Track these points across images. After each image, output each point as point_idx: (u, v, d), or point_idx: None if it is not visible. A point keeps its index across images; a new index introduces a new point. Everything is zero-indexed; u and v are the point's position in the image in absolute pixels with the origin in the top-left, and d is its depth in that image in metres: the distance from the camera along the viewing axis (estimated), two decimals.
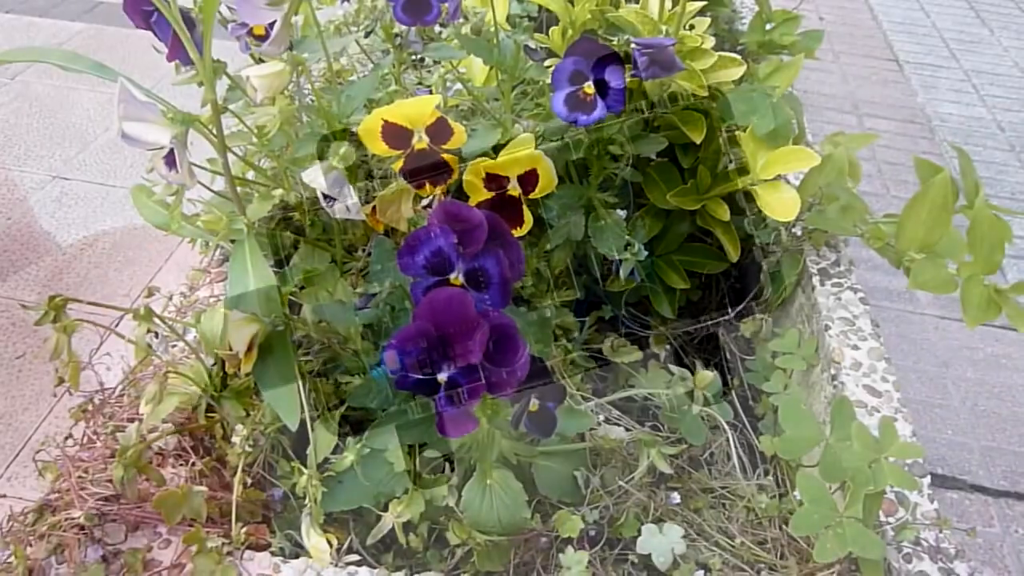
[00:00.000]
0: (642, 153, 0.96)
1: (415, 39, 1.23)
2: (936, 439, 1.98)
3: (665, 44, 0.87)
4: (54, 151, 2.53)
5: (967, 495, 1.85)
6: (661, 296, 1.12)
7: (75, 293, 2.00)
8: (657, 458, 0.87)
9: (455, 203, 0.72)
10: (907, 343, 2.13)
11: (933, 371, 2.10)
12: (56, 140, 2.58)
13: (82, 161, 2.49)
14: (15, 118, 2.67)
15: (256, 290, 0.74)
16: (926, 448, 1.95)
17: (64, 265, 2.12)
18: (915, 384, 2.06)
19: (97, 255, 2.16)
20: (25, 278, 2.07)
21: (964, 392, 2.07)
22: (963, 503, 1.83)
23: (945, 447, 1.97)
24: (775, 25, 1.47)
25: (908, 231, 1.00)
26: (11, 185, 2.38)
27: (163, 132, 0.75)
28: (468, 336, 0.65)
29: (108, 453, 0.83)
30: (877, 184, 2.80)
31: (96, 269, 2.12)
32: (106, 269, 2.12)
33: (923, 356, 2.12)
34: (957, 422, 2.02)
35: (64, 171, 2.45)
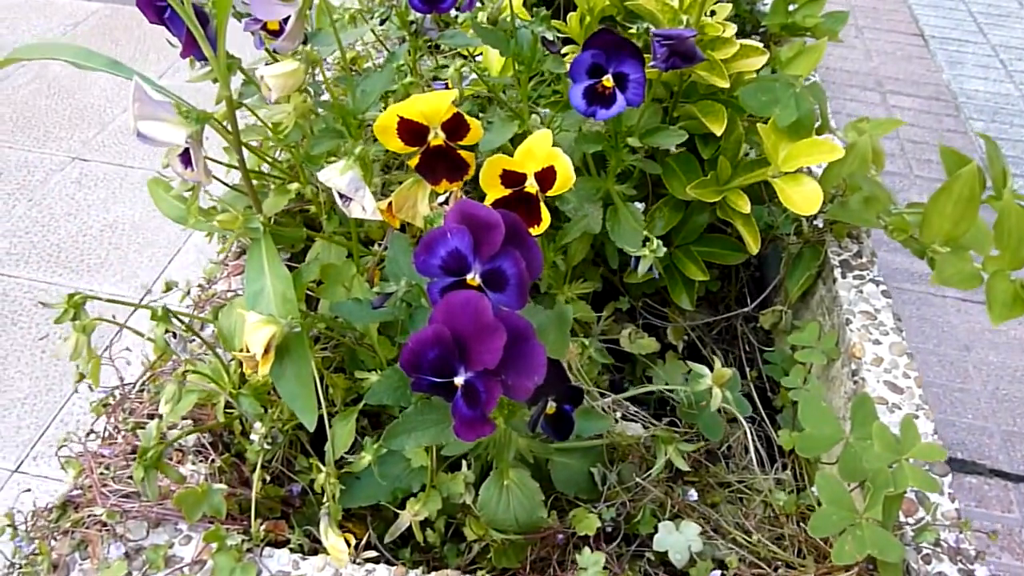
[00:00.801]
0: (661, 146, 0.95)
1: (431, 26, 1.21)
2: (956, 423, 1.97)
3: (686, 36, 0.85)
4: (73, 132, 2.54)
5: (987, 480, 1.84)
6: (680, 287, 1.11)
7: (95, 275, 2.03)
8: (674, 455, 0.86)
9: (471, 203, 0.71)
10: (928, 326, 2.11)
11: (954, 354, 2.07)
12: (75, 121, 2.58)
13: (101, 142, 2.50)
14: (34, 99, 2.68)
15: (272, 290, 0.74)
16: (946, 432, 1.93)
17: (84, 247, 2.13)
18: (935, 367, 2.04)
19: (117, 236, 2.17)
20: (46, 259, 2.08)
21: (986, 376, 2.04)
22: (982, 488, 1.82)
23: (965, 431, 1.95)
24: (798, 6, 1.44)
25: (933, 224, 0.98)
26: (31, 167, 2.39)
27: (178, 131, 0.74)
28: (484, 341, 0.65)
29: (129, 449, 0.83)
30: (900, 164, 2.75)
31: (116, 251, 2.13)
32: (126, 251, 2.13)
33: (944, 339, 2.10)
34: (978, 406, 1.99)
35: (83, 152, 2.46)
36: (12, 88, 2.72)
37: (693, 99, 1.03)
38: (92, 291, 2.03)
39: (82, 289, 2.06)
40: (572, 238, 0.97)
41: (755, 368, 1.21)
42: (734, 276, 1.27)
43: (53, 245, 2.12)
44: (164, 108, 0.77)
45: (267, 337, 0.69)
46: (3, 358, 1.81)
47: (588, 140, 0.96)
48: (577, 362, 0.89)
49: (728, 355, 1.24)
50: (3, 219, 2.19)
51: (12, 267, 2.05)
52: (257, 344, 0.69)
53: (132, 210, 2.25)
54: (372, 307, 0.78)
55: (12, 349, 1.84)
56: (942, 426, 1.89)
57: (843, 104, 2.96)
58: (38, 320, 1.91)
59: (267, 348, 0.70)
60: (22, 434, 1.67)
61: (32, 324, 1.90)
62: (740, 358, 1.22)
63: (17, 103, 2.64)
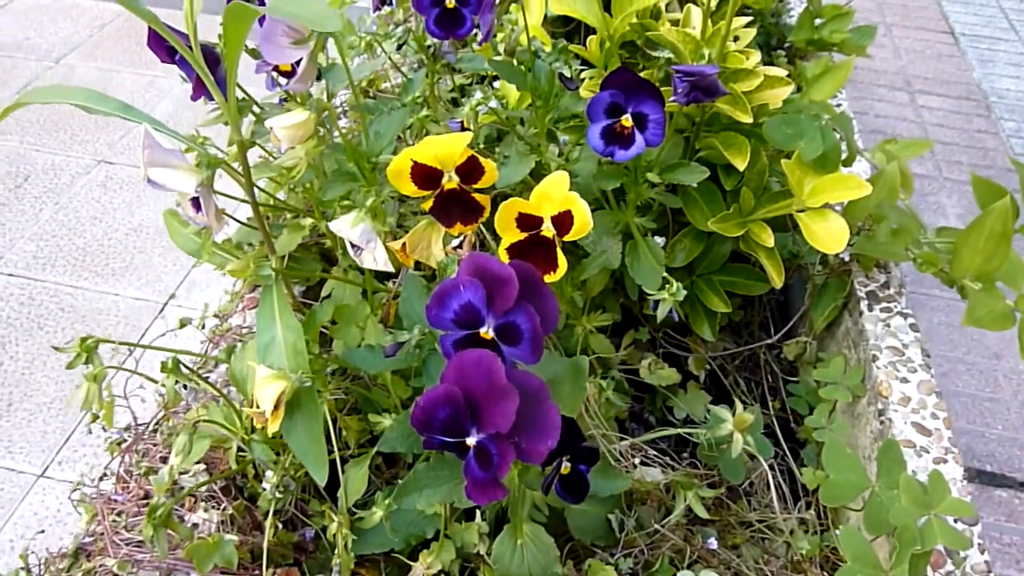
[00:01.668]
0: (682, 183, 0.92)
1: (448, 49, 1.19)
2: (985, 434, 1.92)
3: (707, 73, 0.83)
4: (99, 135, 2.55)
5: (1016, 494, 1.80)
6: (702, 318, 1.09)
7: (120, 279, 2.04)
8: (694, 502, 0.84)
9: (484, 257, 0.69)
10: (958, 333, 2.06)
11: (984, 363, 2.02)
12: (100, 124, 2.60)
13: (126, 145, 2.51)
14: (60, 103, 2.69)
15: (284, 341, 0.72)
16: (975, 444, 1.90)
17: (110, 250, 2.14)
18: (964, 376, 1.99)
19: (142, 240, 2.18)
20: (72, 263, 2.10)
21: (1016, 385, 2.00)
22: (1012, 502, 1.78)
23: (995, 443, 1.91)
24: (825, 21, 1.40)
25: (964, 259, 0.95)
26: (57, 170, 2.41)
27: (188, 179, 0.73)
28: (497, 403, 0.63)
29: (142, 494, 0.83)
30: (929, 166, 2.69)
31: (141, 254, 2.14)
32: (150, 255, 2.14)
33: (973, 347, 2.05)
34: (1008, 417, 1.95)
35: (109, 155, 2.47)
36: None
37: (716, 128, 1.01)
38: (117, 295, 2.06)
39: (107, 293, 2.10)
40: (590, 274, 0.95)
41: (778, 398, 1.18)
42: (757, 302, 1.24)
43: (79, 249, 2.14)
44: (174, 155, 0.75)
45: (277, 393, 0.68)
46: (29, 363, 1.83)
47: (607, 176, 0.94)
48: (595, 404, 0.88)
49: (751, 383, 1.21)
50: (31, 223, 2.21)
51: (39, 271, 2.07)
52: (267, 400, 0.68)
53: (157, 214, 2.26)
54: (385, 355, 0.77)
55: (39, 354, 1.85)
56: (971, 437, 1.85)
57: (871, 104, 2.90)
58: (64, 325, 1.93)
59: (277, 404, 0.68)
60: (48, 439, 1.68)
61: (58, 329, 1.92)
62: (763, 388, 1.19)
63: (44, 107, 2.66)
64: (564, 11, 1.03)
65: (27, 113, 2.61)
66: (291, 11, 0.50)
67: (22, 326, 1.92)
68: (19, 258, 2.10)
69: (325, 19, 0.48)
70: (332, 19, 0.48)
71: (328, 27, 0.48)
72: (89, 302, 2.01)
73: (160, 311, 2.01)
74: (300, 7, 0.51)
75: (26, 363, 1.83)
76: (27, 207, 2.26)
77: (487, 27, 0.90)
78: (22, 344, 1.87)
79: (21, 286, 2.03)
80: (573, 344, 1.04)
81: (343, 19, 0.56)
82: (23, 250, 2.13)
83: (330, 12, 0.49)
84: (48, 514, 1.57)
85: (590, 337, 1.03)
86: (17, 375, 1.80)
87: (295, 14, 0.49)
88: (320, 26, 0.48)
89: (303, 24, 0.48)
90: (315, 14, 0.48)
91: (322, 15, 0.48)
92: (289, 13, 0.49)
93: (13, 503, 1.57)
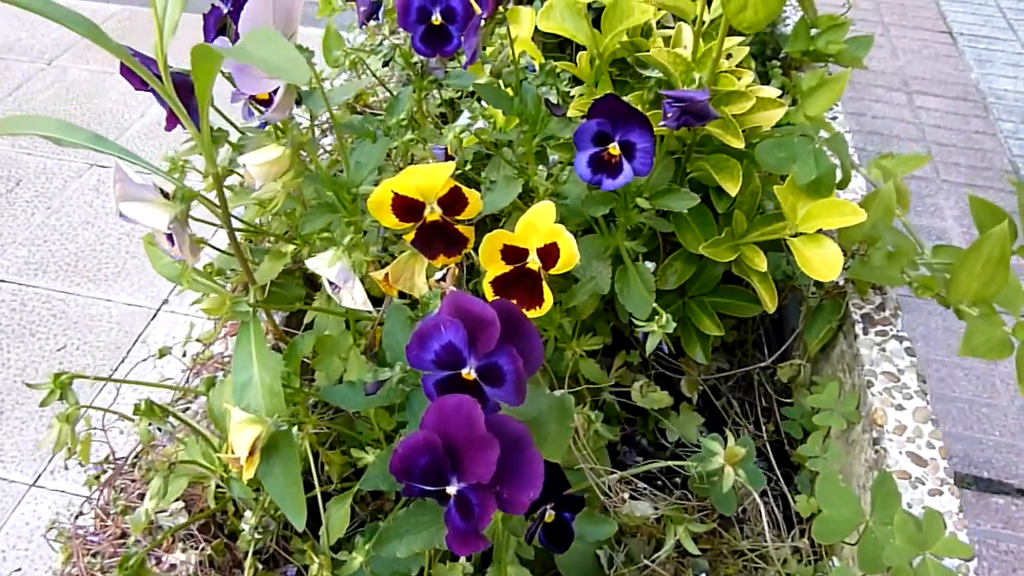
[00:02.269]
0: (672, 209, 0.90)
1: (436, 65, 1.17)
2: (983, 440, 1.91)
3: (697, 99, 0.80)
4: None
5: (1013, 500, 1.78)
6: (694, 340, 1.07)
7: (112, 284, 2.02)
8: (684, 538, 0.82)
9: (465, 297, 0.67)
10: (954, 337, 2.04)
11: (981, 368, 2.00)
12: (93, 126, 2.56)
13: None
14: (52, 104, 2.66)
15: (260, 382, 0.70)
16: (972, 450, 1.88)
17: (102, 255, 2.12)
18: (961, 382, 1.98)
19: (134, 245, 2.16)
20: (64, 269, 2.08)
21: (1014, 390, 1.98)
22: (1009, 509, 1.77)
23: (992, 449, 1.89)
24: (820, 31, 1.38)
25: (961, 284, 0.93)
26: (49, 174, 2.38)
27: (161, 215, 0.71)
28: (477, 453, 0.61)
29: (119, 534, 0.81)
30: (927, 168, 2.67)
31: (133, 260, 2.12)
32: (143, 260, 2.12)
33: None
34: (1005, 423, 1.93)
35: (101, 158, 2.44)
36: (31, 93, 2.71)
37: (708, 149, 0.98)
38: (110, 300, 2.04)
39: (99, 299, 2.07)
40: (579, 301, 0.93)
41: (772, 420, 1.16)
42: (751, 321, 1.22)
43: (71, 254, 2.11)
44: (147, 189, 0.73)
45: (252, 438, 0.66)
46: (21, 370, 1.80)
47: (596, 202, 0.91)
48: (583, 436, 0.86)
49: (744, 404, 1.19)
50: (22, 227, 2.18)
51: (31, 276, 2.04)
52: (242, 446, 0.66)
53: None
54: (366, 393, 0.75)
55: (31, 360, 1.83)
56: (968, 443, 1.84)
57: (868, 106, 2.88)
58: (56, 331, 1.90)
59: (252, 450, 0.66)
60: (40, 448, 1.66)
61: (50, 335, 1.89)
62: (757, 409, 1.17)
63: (36, 108, 2.63)
64: (552, 29, 1.01)
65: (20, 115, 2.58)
66: (257, 57, 0.47)
67: (14, 332, 1.90)
68: (11, 263, 2.08)
69: (292, 68, 0.46)
70: (300, 68, 0.46)
71: (295, 78, 0.45)
72: (81, 308, 1.98)
73: (153, 316, 1.99)
74: (269, 50, 0.49)
75: (18, 370, 1.81)
76: (19, 211, 2.24)
77: (471, 50, 0.88)
78: (14, 351, 1.85)
79: (13, 292, 2.00)
80: (563, 368, 1.02)
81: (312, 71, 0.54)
82: (15, 255, 2.10)
83: (298, 60, 0.46)
84: (40, 524, 1.54)
85: (580, 362, 1.01)
86: (9, 383, 1.78)
87: (261, 61, 0.47)
88: (287, 76, 0.45)
89: (268, 73, 0.46)
90: (282, 62, 0.46)
91: (289, 63, 0.46)
92: (255, 60, 0.47)
93: (5, 513, 1.55)
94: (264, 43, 0.50)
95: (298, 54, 0.47)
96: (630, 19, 0.97)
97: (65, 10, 0.66)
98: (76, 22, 0.65)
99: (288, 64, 0.46)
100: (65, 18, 0.65)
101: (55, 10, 0.65)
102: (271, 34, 0.51)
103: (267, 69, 0.46)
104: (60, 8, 0.66)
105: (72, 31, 0.65)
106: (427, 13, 1.00)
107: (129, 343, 1.93)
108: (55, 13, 0.64)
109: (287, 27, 0.73)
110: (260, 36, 0.51)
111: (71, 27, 0.64)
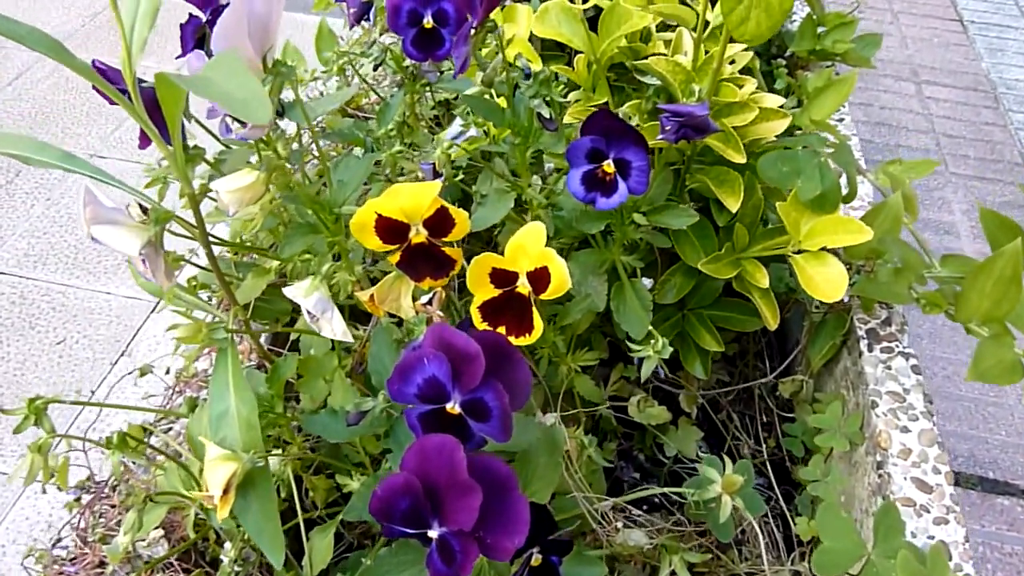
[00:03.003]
0: (671, 226, 0.86)
1: (429, 68, 1.13)
2: (988, 440, 1.88)
3: (697, 114, 0.77)
4: (91, 128, 2.49)
5: (1019, 502, 1.75)
6: (693, 355, 1.03)
7: (112, 277, 2.00)
8: (680, 567, 0.80)
9: (449, 330, 0.64)
10: (960, 335, 2.00)
11: None
12: (92, 117, 2.54)
13: (118, 139, 2.45)
14: (52, 94, 2.63)
15: (237, 414, 0.67)
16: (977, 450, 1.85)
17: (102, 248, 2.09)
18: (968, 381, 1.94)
19: None
20: (64, 261, 2.05)
21: (1020, 390, 1.95)
22: (1014, 510, 1.74)
23: (998, 449, 1.86)
24: (827, 30, 1.33)
25: (971, 302, 0.90)
26: None
27: (133, 240, 0.68)
28: (459, 498, 0.58)
29: (96, 562, 0.78)
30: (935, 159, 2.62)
31: None
32: None
33: None
34: (1012, 422, 1.90)
35: (101, 149, 2.41)
36: (30, 83, 2.67)
37: (708, 160, 0.95)
38: (110, 293, 2.01)
39: (99, 291, 2.05)
40: (573, 319, 0.90)
41: (773, 435, 1.13)
42: (752, 335, 1.19)
43: (71, 246, 2.09)
44: (118, 211, 0.70)
45: (227, 476, 0.63)
46: (21, 363, 1.78)
47: (591, 218, 0.88)
48: (575, 462, 0.83)
49: (744, 418, 1.16)
50: (22, 219, 2.16)
51: (30, 269, 2.02)
52: (216, 484, 0.63)
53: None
54: (348, 423, 0.72)
55: (30, 354, 1.80)
56: (973, 443, 1.81)
57: (876, 96, 2.82)
58: (55, 324, 1.88)
59: (227, 488, 0.64)
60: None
61: (50, 328, 1.87)
62: (757, 424, 1.14)
63: (36, 99, 2.60)
64: (548, 34, 0.97)
65: (19, 106, 2.55)
66: (219, 93, 0.44)
67: (13, 326, 1.87)
68: (10, 255, 2.05)
69: (255, 107, 0.42)
70: (261, 107, 0.42)
71: (256, 117, 0.42)
72: (81, 301, 1.96)
73: (153, 309, 1.96)
74: (232, 83, 0.45)
75: (17, 363, 1.78)
76: (18, 203, 2.21)
77: (461, 59, 0.84)
78: (13, 344, 1.83)
79: (12, 284, 1.98)
80: (558, 384, 0.99)
81: (273, 107, 0.50)
82: (14, 247, 2.08)
83: (261, 98, 0.43)
84: (40, 519, 1.53)
85: (575, 378, 0.98)
86: (8, 376, 1.75)
87: (223, 97, 0.44)
88: (246, 115, 0.42)
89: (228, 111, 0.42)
90: (245, 98, 0.43)
91: (252, 102, 0.42)
92: (216, 96, 0.44)
93: (5, 508, 1.54)
94: (228, 74, 0.47)
95: (261, 91, 0.43)
96: (628, 23, 0.93)
97: (28, 28, 0.62)
98: (39, 41, 0.62)
99: (251, 102, 0.43)
100: (27, 37, 0.61)
101: (17, 28, 0.61)
102: (235, 64, 0.47)
103: (228, 107, 0.43)
104: (23, 26, 0.62)
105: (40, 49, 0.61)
106: (418, 16, 0.97)
107: (129, 336, 1.91)
108: (16, 32, 0.61)
109: (264, 40, 0.69)
110: (224, 64, 0.48)
111: (33, 47, 0.61)
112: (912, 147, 2.66)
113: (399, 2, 0.96)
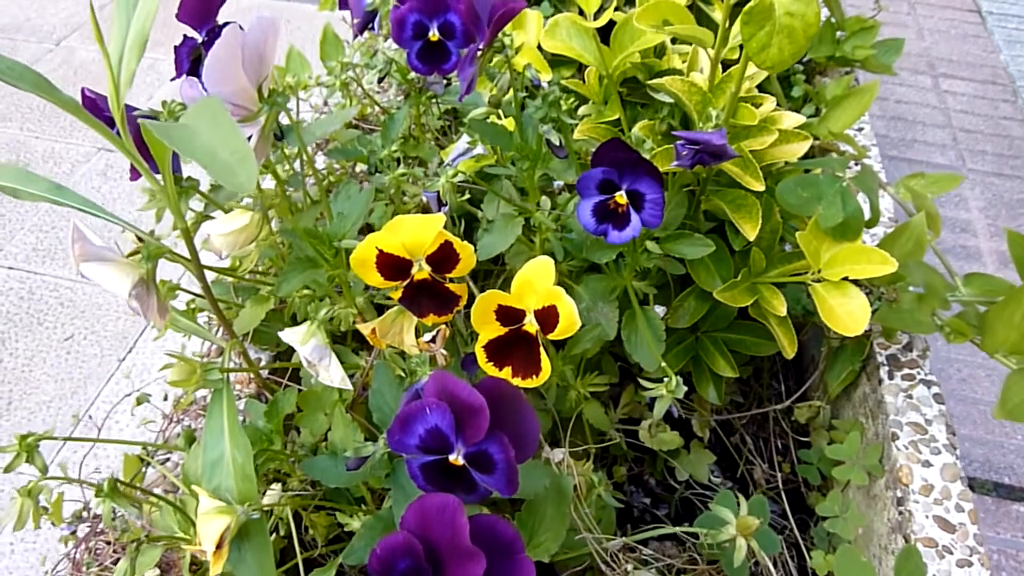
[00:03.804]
0: (685, 257, 0.83)
1: (435, 80, 1.09)
2: (1004, 444, 1.84)
3: (715, 142, 0.73)
4: None
5: None
6: (707, 379, 1.00)
7: None
8: None
9: (452, 380, 0.61)
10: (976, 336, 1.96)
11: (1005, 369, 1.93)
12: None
13: None
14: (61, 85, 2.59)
15: (232, 461, 0.65)
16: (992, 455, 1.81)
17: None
18: (984, 383, 1.90)
19: None
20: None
21: None
22: None
23: (1013, 454, 1.82)
24: (847, 35, 1.29)
25: (998, 334, 0.86)
26: (57, 158, 2.32)
27: (123, 280, 0.65)
28: (460, 564, 0.56)
29: None
30: (952, 155, 2.57)
31: None
32: None
33: None
34: None
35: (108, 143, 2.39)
36: None
37: (724, 181, 0.91)
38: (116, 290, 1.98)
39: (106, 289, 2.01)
40: (583, 348, 0.87)
41: (788, 459, 1.10)
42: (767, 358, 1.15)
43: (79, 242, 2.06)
44: (108, 249, 0.67)
45: (220, 530, 0.61)
46: (29, 359, 1.76)
47: (601, 246, 0.84)
48: (583, 502, 0.80)
49: (758, 441, 1.13)
50: (30, 214, 2.13)
51: (38, 264, 1.99)
52: (209, 539, 0.60)
53: None
54: (347, 468, 0.69)
55: (38, 350, 1.78)
56: (989, 447, 1.77)
57: (891, 89, 2.76)
58: (63, 320, 1.86)
59: (220, 542, 0.61)
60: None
61: (58, 324, 1.85)
62: (772, 448, 1.11)
63: None
64: (558, 49, 0.93)
65: (27, 98, 2.51)
66: (200, 151, 0.41)
67: (21, 321, 1.85)
68: (18, 250, 2.03)
69: (238, 171, 0.39)
70: (245, 172, 0.39)
71: (239, 185, 0.39)
72: (89, 296, 1.93)
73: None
74: (216, 138, 0.42)
75: (25, 359, 1.76)
76: None
77: (467, 81, 0.80)
78: (21, 340, 1.80)
79: (21, 280, 1.95)
80: (568, 410, 0.96)
81: (256, 175, 0.47)
82: (23, 242, 2.05)
83: (245, 159, 0.40)
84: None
85: (585, 406, 0.95)
86: (16, 372, 1.73)
87: (205, 156, 0.40)
88: (230, 182, 0.39)
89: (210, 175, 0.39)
90: (226, 162, 0.39)
91: (235, 165, 0.39)
92: (196, 155, 0.40)
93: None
94: (212, 125, 0.43)
95: (246, 151, 0.40)
96: (642, 39, 0.89)
97: (10, 63, 0.59)
98: (21, 77, 0.59)
99: (235, 166, 0.39)
100: (8, 71, 0.58)
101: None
102: (220, 114, 0.44)
103: (211, 171, 0.39)
104: (5, 60, 0.59)
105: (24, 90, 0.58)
106: (424, 29, 0.93)
107: (136, 332, 1.88)
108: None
109: (260, 70, 0.66)
110: (207, 112, 0.45)
111: (15, 84, 0.58)
112: (928, 142, 2.61)
113: (404, 14, 0.93)
